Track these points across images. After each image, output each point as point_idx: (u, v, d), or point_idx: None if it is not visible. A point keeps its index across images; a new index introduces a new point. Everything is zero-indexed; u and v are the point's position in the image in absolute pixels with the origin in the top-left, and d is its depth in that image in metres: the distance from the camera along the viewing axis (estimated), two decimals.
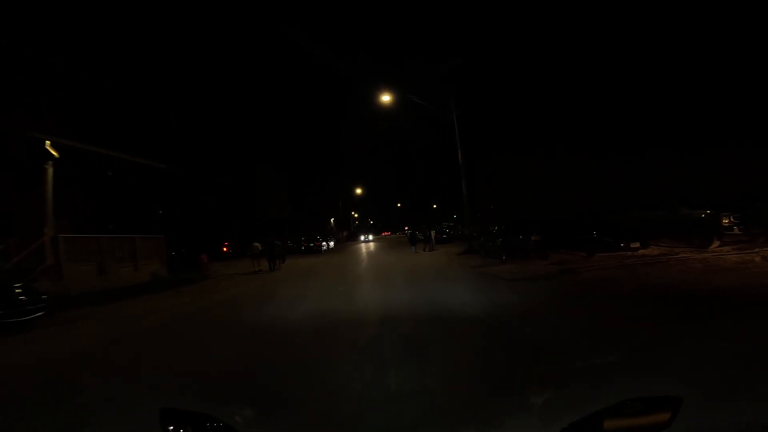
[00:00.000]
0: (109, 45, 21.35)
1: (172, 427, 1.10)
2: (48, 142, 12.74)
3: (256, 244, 20.56)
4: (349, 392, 3.71)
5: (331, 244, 41.21)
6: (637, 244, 13.11)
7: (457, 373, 4.09)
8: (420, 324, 6.32)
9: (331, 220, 79.95)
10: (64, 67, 15.47)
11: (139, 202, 21.26)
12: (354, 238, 63.66)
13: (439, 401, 3.32)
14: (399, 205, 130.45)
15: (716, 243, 12.60)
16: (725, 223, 13.18)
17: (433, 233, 29.66)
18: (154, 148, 20.67)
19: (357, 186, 65.67)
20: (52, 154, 12.78)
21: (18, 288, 7.99)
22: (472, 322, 6.23)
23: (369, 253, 29.42)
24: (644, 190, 21.16)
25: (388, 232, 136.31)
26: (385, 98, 21.15)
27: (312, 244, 35.84)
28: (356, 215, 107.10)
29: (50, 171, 12.87)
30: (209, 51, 56.35)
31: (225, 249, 33.81)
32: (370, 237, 58.12)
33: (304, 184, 77.00)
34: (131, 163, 17.14)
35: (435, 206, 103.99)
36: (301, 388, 3.86)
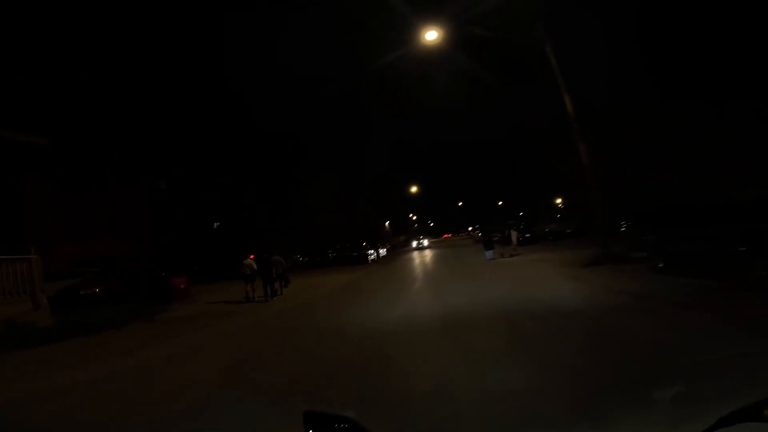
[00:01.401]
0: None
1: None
2: None
3: (249, 261, 13.07)
4: None
5: (382, 251, 33.17)
6: None
7: None
8: None
9: (386, 223, 72.68)
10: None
11: None
12: (408, 244, 53.98)
13: None
14: (460, 204, 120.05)
15: None
16: None
17: (514, 234, 20.70)
18: None
19: (412, 185, 57.25)
20: None
21: None
22: None
23: (426, 263, 21.46)
24: None
25: (448, 234, 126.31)
26: (431, 35, 12.44)
27: (355, 254, 28.18)
28: (414, 217, 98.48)
29: None
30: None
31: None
32: (425, 242, 46.01)
33: (357, 187, 70.59)
34: None
35: (500, 203, 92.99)
36: None
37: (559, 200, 58.73)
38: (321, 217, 62.29)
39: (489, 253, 18.71)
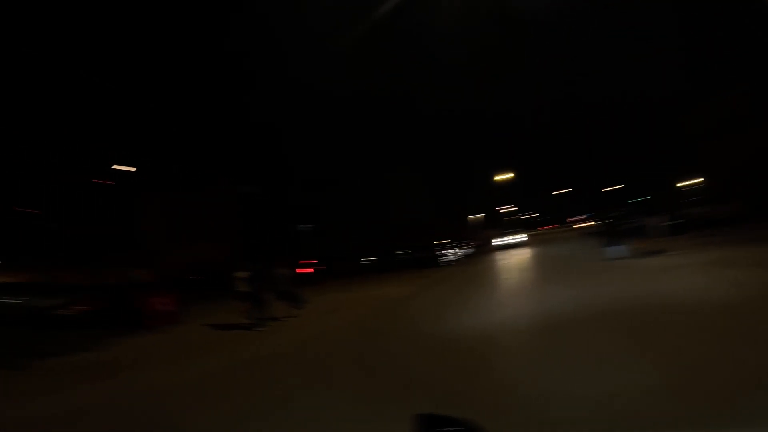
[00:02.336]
0: None
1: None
2: None
3: (241, 273, 8.93)
4: None
5: (462, 251, 26.91)
6: None
7: None
8: None
9: (469, 217, 65.49)
10: None
11: None
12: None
13: None
14: (569, 190, 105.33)
15: None
16: None
17: (655, 221, 13.68)
18: None
19: (504, 171, 49.63)
20: None
21: None
22: None
23: (523, 269, 15.69)
24: None
25: (551, 225, 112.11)
26: None
27: (424, 255, 22.92)
28: (514, 207, 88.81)
29: None
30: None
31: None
32: (512, 239, 30.02)
33: (444, 179, 64.55)
34: None
35: (622, 186, 78.23)
36: None
37: (692, 182, 46.20)
38: (400, 212, 57.90)
39: (617, 249, 12.18)
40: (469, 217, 66.00)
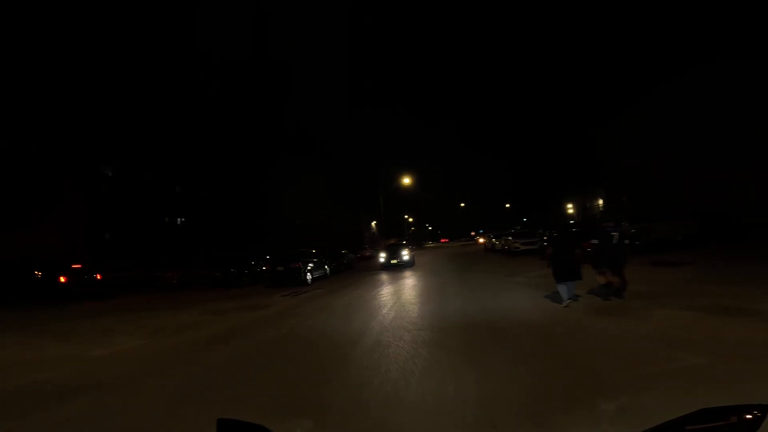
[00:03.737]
0: None
1: None
2: None
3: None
4: None
5: (325, 269, 19.96)
6: None
7: None
8: None
9: (372, 224, 60.03)
10: None
11: None
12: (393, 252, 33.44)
13: None
14: (462, 205, 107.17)
15: None
16: None
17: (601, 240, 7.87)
18: None
19: (402, 175, 44.26)
20: None
21: None
22: None
23: (404, 305, 9.30)
24: None
25: (446, 239, 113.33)
26: None
27: (281, 268, 15.63)
28: (410, 219, 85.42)
29: None
30: None
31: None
32: (405, 255, 20.98)
33: (337, 181, 58.12)
34: None
35: (507, 206, 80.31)
36: None
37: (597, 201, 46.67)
38: (297, 215, 50.05)
39: (567, 297, 6.39)
40: (373, 223, 60.47)
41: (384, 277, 16.35)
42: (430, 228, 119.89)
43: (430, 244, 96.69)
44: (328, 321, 7.88)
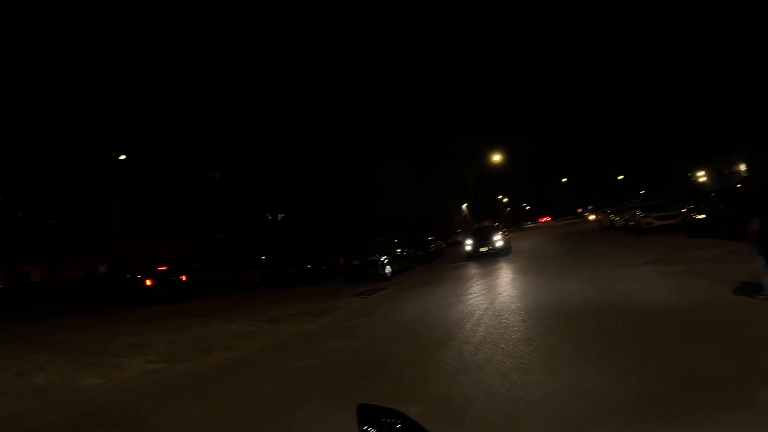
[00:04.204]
0: None
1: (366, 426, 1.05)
2: None
3: None
4: None
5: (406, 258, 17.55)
6: None
7: None
8: None
9: (463, 206, 56.38)
10: None
11: None
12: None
13: None
14: (564, 180, 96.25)
15: None
16: None
17: None
18: None
19: (492, 153, 39.88)
20: None
21: None
22: None
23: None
24: None
25: (547, 217, 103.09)
26: None
27: (356, 262, 13.98)
28: (505, 199, 79.30)
29: None
30: None
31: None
32: (497, 240, 16.33)
33: (425, 165, 55.80)
34: None
35: (620, 177, 69.25)
36: None
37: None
38: (384, 203, 49.22)
39: None
40: (465, 206, 56.83)
41: (472, 270, 13.41)
42: (528, 207, 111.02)
43: (529, 224, 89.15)
44: (386, 341, 5.70)
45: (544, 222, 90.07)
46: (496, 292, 8.14)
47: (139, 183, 37.18)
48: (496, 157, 39.57)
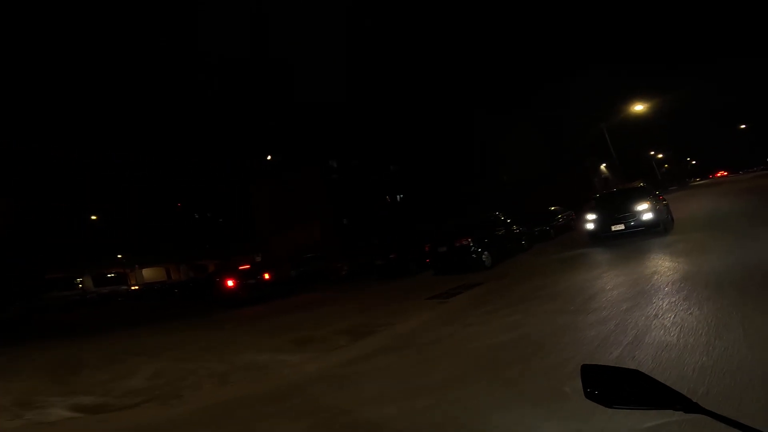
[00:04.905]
0: None
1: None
2: None
3: None
4: None
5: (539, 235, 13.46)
6: None
7: None
8: None
9: (602, 167, 46.87)
10: None
11: None
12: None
13: None
14: (743, 126, 73.55)
15: None
16: None
17: None
18: None
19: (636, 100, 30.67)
20: None
21: None
22: None
23: None
24: None
25: (723, 172, 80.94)
26: None
27: (444, 248, 11.19)
28: (660, 155, 64.32)
29: None
30: None
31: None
32: (639, 211, 10.33)
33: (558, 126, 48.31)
34: None
35: None
36: None
37: None
38: (504, 172, 44.76)
39: None
40: (603, 166, 46.99)
41: (604, 258, 9.04)
42: (693, 162, 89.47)
43: (698, 181, 71.22)
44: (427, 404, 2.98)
45: (720, 176, 70.92)
46: (639, 316, 4.47)
47: (279, 181, 39.89)
48: (638, 107, 30.86)
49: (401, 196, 55.78)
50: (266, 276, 13.73)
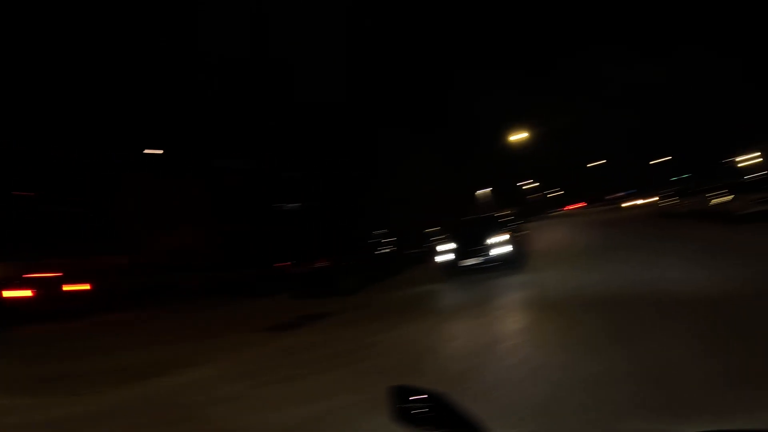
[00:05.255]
0: None
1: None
2: None
3: None
4: None
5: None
6: None
7: None
8: None
9: (485, 191, 50.77)
10: None
11: None
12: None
13: None
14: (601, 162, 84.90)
15: None
16: None
17: None
18: None
19: (518, 130, 33.75)
20: None
21: None
22: None
23: None
24: None
25: (581, 203, 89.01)
26: None
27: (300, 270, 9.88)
28: (532, 184, 72.19)
29: None
30: None
31: None
32: (494, 245, 9.38)
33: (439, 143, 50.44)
34: None
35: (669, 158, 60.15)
36: None
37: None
38: (409, 189, 45.17)
39: None
40: (478, 192, 50.62)
41: (449, 302, 7.92)
42: (552, 194, 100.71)
43: (558, 213, 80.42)
44: None
45: (575, 208, 78.81)
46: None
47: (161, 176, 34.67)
48: (515, 137, 33.84)
49: (298, 204, 53.07)
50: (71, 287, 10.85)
